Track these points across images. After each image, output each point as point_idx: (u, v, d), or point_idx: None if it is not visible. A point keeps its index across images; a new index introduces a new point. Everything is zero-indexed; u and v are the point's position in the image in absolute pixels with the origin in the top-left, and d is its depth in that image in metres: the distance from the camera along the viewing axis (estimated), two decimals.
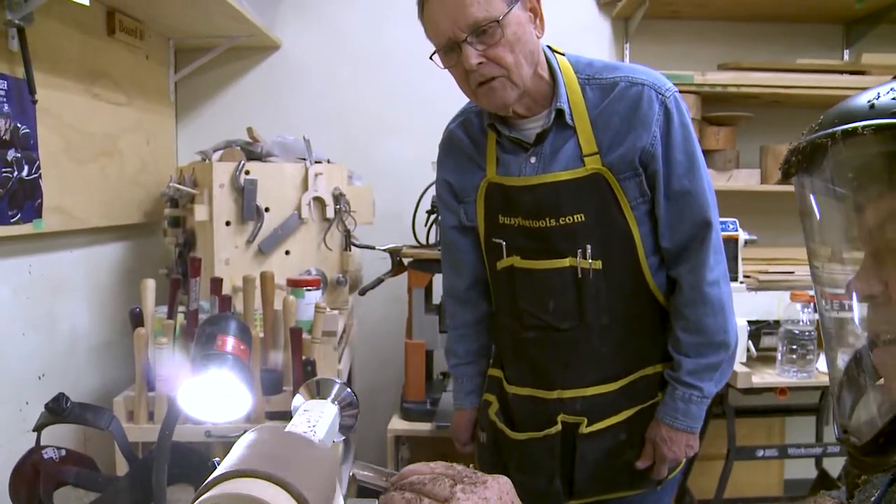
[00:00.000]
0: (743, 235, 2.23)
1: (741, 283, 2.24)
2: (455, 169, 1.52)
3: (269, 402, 1.65)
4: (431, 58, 1.34)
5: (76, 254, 1.98)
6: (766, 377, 2.17)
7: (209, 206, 2.02)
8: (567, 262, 1.38)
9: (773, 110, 2.74)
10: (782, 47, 2.79)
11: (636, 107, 1.34)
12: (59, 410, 1.19)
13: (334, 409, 0.78)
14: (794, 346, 2.14)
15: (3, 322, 1.65)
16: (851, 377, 0.68)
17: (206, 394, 0.88)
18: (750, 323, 2.22)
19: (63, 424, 1.23)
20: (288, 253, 2.09)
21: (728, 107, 2.66)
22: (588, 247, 1.37)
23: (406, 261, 2.21)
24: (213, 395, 0.87)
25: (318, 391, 0.82)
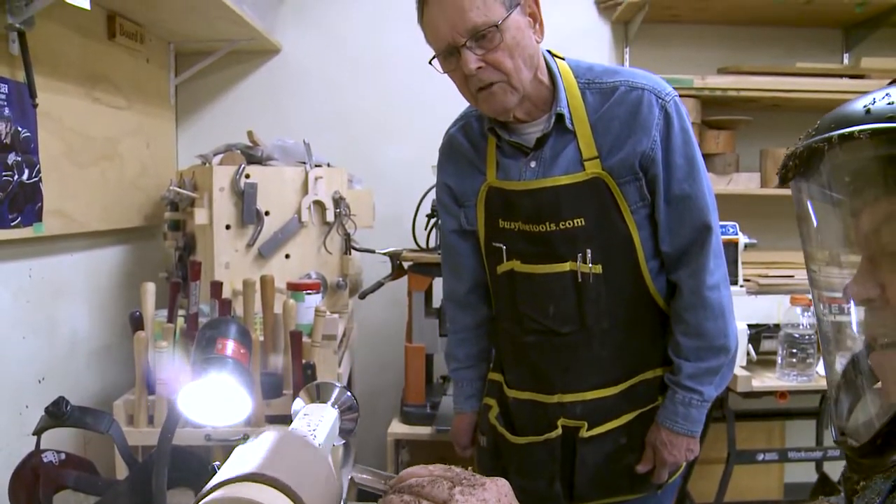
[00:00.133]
0: (743, 239, 2.22)
1: (741, 286, 2.24)
2: (455, 173, 1.52)
3: (269, 405, 1.66)
4: (431, 62, 1.34)
5: (76, 257, 1.98)
6: (766, 381, 2.17)
7: (209, 210, 2.02)
8: (567, 267, 1.38)
9: (773, 114, 2.75)
10: (782, 51, 2.79)
11: (636, 111, 1.34)
12: (58, 414, 1.19)
13: (334, 412, 0.78)
14: (794, 350, 2.14)
15: (3, 325, 1.65)
16: (849, 380, 0.69)
17: (206, 397, 0.87)
18: (750, 327, 2.22)
19: (63, 428, 1.23)
20: (288, 256, 2.09)
21: (728, 110, 2.66)
22: (588, 251, 1.37)
23: (406, 264, 2.21)
24: (213, 399, 0.87)
25: (319, 395, 0.83)
